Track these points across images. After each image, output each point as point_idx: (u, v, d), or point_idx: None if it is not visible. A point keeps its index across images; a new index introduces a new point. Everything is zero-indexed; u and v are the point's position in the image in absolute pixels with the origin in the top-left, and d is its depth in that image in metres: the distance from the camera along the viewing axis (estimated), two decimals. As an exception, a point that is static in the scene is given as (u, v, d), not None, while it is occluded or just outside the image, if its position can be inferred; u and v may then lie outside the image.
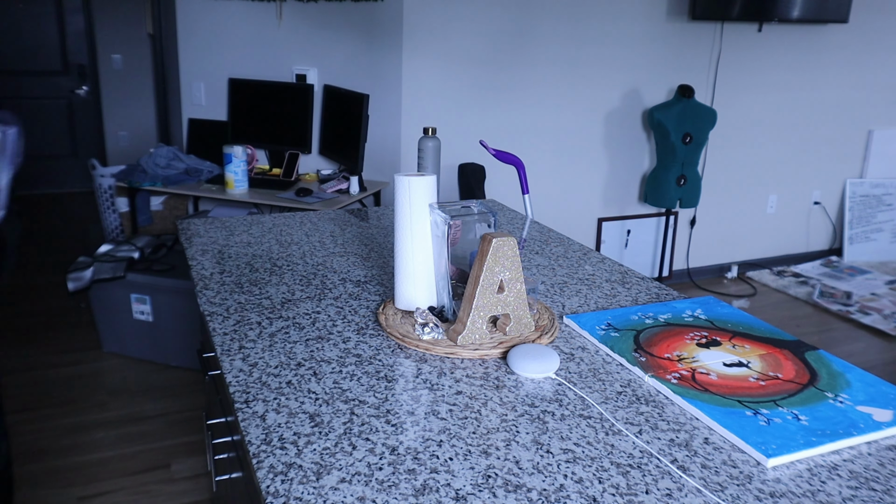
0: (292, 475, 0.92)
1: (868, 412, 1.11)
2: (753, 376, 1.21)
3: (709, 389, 1.16)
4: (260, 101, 3.68)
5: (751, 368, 1.24)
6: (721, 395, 1.14)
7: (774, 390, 1.16)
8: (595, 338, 1.34)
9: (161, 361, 3.32)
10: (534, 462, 0.97)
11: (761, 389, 1.16)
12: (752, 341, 1.35)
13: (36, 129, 6.05)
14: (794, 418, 1.08)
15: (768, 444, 1.01)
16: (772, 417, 1.08)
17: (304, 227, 2.01)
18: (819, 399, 1.14)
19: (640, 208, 4.42)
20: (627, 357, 1.26)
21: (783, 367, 1.24)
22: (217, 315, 1.40)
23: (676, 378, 1.19)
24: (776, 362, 1.26)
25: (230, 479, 1.49)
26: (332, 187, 3.47)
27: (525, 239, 1.97)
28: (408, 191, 1.33)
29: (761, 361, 1.26)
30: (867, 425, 1.07)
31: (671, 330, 1.38)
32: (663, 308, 1.49)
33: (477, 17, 3.67)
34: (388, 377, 1.18)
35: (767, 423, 1.06)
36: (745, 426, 1.05)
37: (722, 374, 1.21)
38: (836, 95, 4.72)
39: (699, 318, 1.45)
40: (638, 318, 1.43)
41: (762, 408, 1.11)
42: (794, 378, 1.21)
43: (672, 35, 4.13)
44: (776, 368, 1.24)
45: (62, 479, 2.51)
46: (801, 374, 1.22)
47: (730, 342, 1.34)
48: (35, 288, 4.18)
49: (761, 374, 1.21)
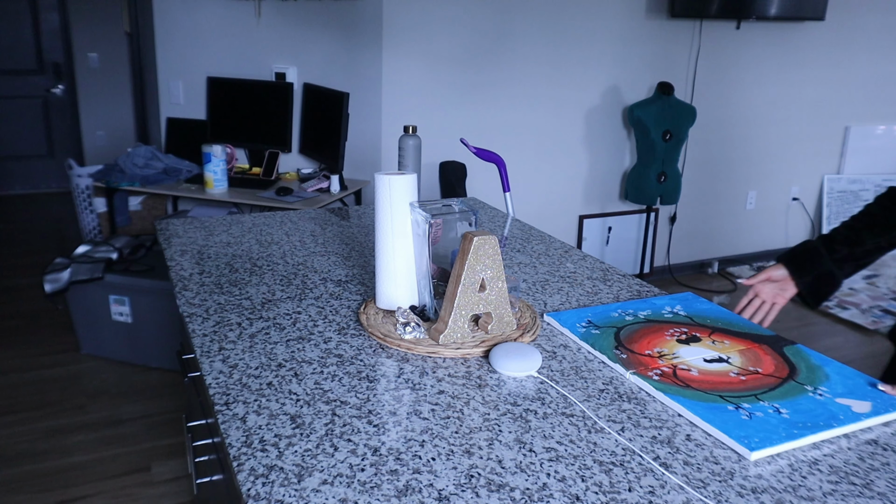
0: (273, 477, 0.91)
1: (847, 404, 1.12)
2: (734, 371, 1.21)
3: (690, 385, 1.16)
4: (239, 99, 3.65)
5: (731, 364, 1.24)
6: (702, 391, 1.14)
7: (755, 384, 1.17)
8: (576, 335, 1.34)
9: (140, 363, 3.29)
10: (517, 461, 0.96)
11: (742, 384, 1.17)
12: (731, 337, 1.35)
13: (11, 128, 5.97)
14: (775, 412, 1.09)
15: (751, 438, 1.01)
16: (753, 411, 1.08)
17: (284, 226, 2.00)
18: (799, 392, 1.15)
19: (620, 205, 4.44)
20: (609, 354, 1.26)
21: (763, 362, 1.25)
22: (197, 316, 1.38)
23: (658, 375, 1.19)
24: (756, 357, 1.27)
25: (211, 481, 1.47)
26: (312, 186, 3.45)
27: (506, 237, 1.97)
28: (388, 189, 1.32)
29: (741, 357, 1.27)
30: (847, 416, 1.08)
31: (651, 327, 1.38)
32: (643, 305, 1.50)
33: (457, 16, 3.67)
34: (370, 377, 1.17)
35: (749, 417, 1.07)
36: (728, 421, 1.06)
37: (703, 369, 1.22)
38: (813, 92, 4.76)
39: (679, 314, 1.45)
40: (618, 315, 1.43)
41: (743, 402, 1.11)
42: (774, 372, 1.21)
43: (651, 33, 4.14)
44: (756, 363, 1.25)
45: (40, 484, 2.48)
46: (781, 368, 1.23)
47: (709, 338, 1.34)
48: (11, 290, 4.12)
49: (741, 370, 1.22)
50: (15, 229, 5.25)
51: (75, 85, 5.89)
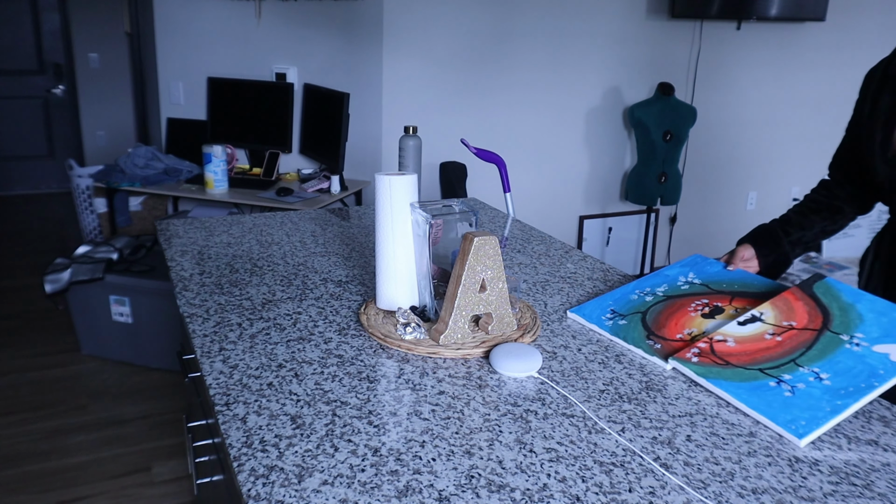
0: (274, 478, 0.91)
1: (884, 351, 1.12)
2: (769, 332, 1.21)
3: (730, 362, 1.16)
4: (239, 100, 3.65)
5: (765, 322, 1.23)
6: (743, 367, 1.14)
7: (792, 346, 1.17)
8: (606, 330, 1.34)
9: (141, 363, 3.29)
10: (517, 461, 0.96)
11: (779, 347, 1.16)
12: (750, 300, 1.35)
13: (11, 129, 5.97)
14: (816, 379, 1.09)
15: (797, 421, 1.02)
16: (795, 384, 1.09)
17: (284, 226, 2.00)
18: (836, 346, 1.15)
19: (621, 206, 4.44)
20: (644, 348, 1.27)
21: (796, 312, 1.24)
22: (197, 316, 1.38)
23: (696, 355, 1.19)
24: (788, 307, 1.26)
25: (212, 481, 1.47)
26: (312, 187, 3.45)
27: (507, 237, 1.97)
28: (389, 190, 1.32)
29: (774, 310, 1.26)
30: (886, 370, 1.08)
31: (673, 304, 1.38)
32: (658, 279, 1.49)
33: (457, 16, 3.67)
34: (371, 378, 1.17)
35: (792, 393, 1.07)
36: (772, 402, 1.06)
37: (739, 336, 1.21)
38: (813, 92, 4.76)
39: (694, 283, 1.45)
40: (638, 298, 1.43)
41: (784, 373, 1.11)
42: (808, 324, 1.20)
43: (652, 33, 4.14)
44: (789, 315, 1.24)
45: (40, 484, 2.48)
46: (814, 316, 1.22)
47: (731, 305, 1.34)
48: (11, 290, 4.12)
49: (776, 327, 1.21)
50: (15, 230, 5.25)
51: (76, 85, 5.89)
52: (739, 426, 1.07)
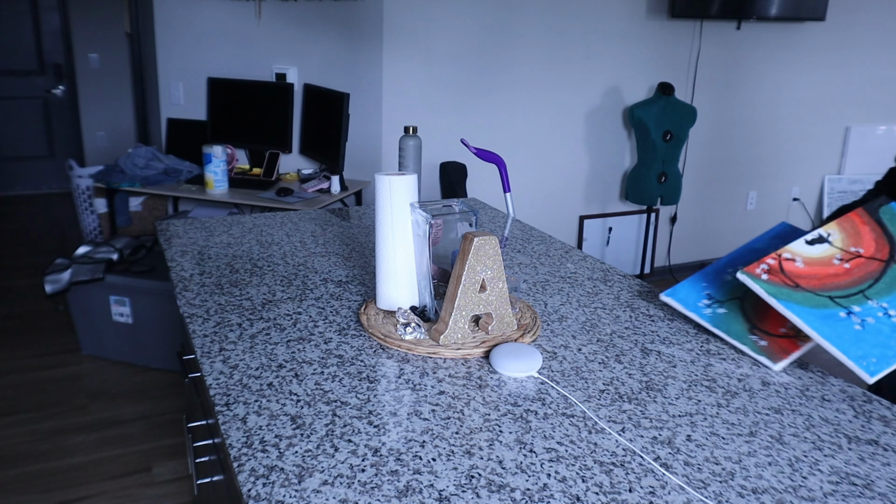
0: (274, 478, 0.91)
1: None
2: (837, 256, 1.19)
3: (799, 284, 1.14)
4: (239, 100, 3.65)
5: (832, 244, 1.22)
6: (812, 292, 1.13)
7: (860, 275, 1.16)
8: (706, 320, 1.30)
9: (141, 364, 3.29)
10: (517, 462, 0.96)
11: (847, 276, 1.16)
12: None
13: (12, 129, 5.97)
14: (885, 315, 1.09)
15: (868, 358, 1.03)
16: (864, 317, 1.09)
17: (284, 227, 2.00)
18: None
19: (621, 206, 4.44)
20: (749, 344, 1.24)
21: (863, 238, 1.23)
22: (197, 317, 1.38)
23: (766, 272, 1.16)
24: (854, 229, 1.24)
25: (212, 482, 1.47)
26: (312, 187, 3.45)
27: (507, 237, 1.97)
28: (389, 190, 1.32)
29: (840, 232, 1.24)
30: None
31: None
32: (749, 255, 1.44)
33: (457, 16, 3.67)
34: (371, 378, 1.17)
35: (862, 327, 1.07)
36: (843, 334, 1.06)
37: (806, 256, 1.20)
38: (814, 92, 4.76)
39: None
40: (731, 278, 1.38)
41: (853, 304, 1.11)
42: (875, 253, 1.20)
43: (652, 33, 4.14)
44: (856, 240, 1.22)
45: (41, 485, 2.48)
46: (881, 245, 1.21)
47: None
48: (11, 290, 4.12)
49: (844, 252, 1.20)
50: (15, 230, 5.25)
51: (76, 86, 5.89)
52: (740, 426, 1.07)
